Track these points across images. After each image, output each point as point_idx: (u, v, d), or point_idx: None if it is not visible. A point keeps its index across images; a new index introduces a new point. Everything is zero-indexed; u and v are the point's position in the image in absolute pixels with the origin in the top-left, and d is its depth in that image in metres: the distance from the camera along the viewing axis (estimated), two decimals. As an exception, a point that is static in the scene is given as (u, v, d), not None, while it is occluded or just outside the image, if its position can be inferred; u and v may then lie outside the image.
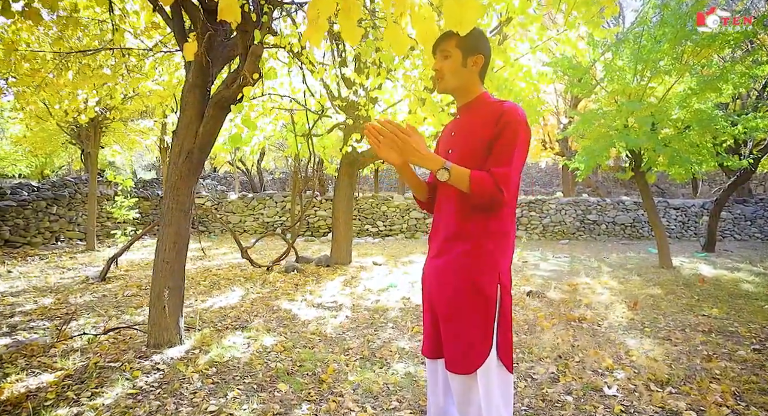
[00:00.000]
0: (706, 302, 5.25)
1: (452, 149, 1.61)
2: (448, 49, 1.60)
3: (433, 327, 1.63)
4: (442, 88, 1.65)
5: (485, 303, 1.49)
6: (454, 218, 1.54)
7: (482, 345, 1.47)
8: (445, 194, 1.62)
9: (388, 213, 13.83)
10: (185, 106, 3.45)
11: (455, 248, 1.53)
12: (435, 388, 1.67)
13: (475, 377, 1.47)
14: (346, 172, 7.99)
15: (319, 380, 2.86)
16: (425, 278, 1.68)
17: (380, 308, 4.83)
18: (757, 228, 13.71)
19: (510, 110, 1.50)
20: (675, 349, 3.55)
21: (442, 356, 1.62)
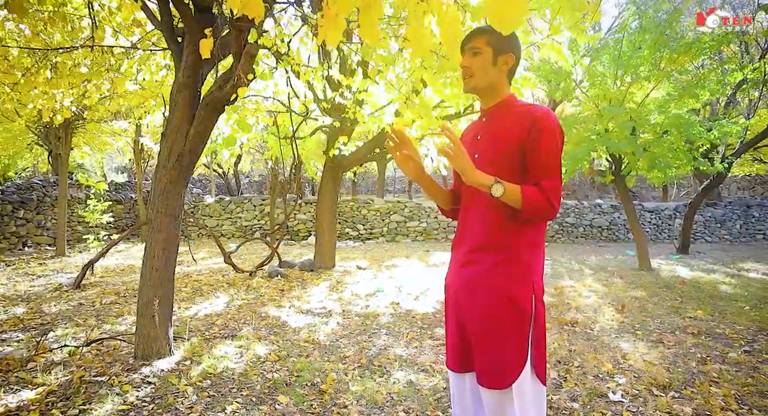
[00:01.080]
0: (689, 304, 5.35)
1: (479, 154, 1.55)
2: (478, 46, 1.53)
3: (459, 339, 1.56)
4: (470, 87, 1.58)
5: (521, 316, 1.44)
6: (485, 227, 1.48)
7: (517, 359, 1.42)
8: (472, 201, 1.56)
9: (369, 216, 13.75)
10: (175, 107, 3.32)
11: (487, 258, 1.47)
12: (462, 400, 1.60)
13: (510, 391, 1.41)
14: (329, 175, 7.89)
15: (320, 391, 2.76)
16: (451, 288, 1.61)
17: (371, 314, 4.75)
18: (726, 230, 14.15)
19: (544, 116, 1.45)
20: (669, 352, 3.58)
21: (469, 369, 1.55)
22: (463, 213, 1.62)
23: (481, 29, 1.55)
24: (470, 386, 1.58)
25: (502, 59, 1.54)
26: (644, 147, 7.77)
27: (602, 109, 7.68)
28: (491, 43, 1.53)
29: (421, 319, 4.58)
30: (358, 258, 9.55)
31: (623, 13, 8.62)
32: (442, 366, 3.23)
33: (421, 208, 13.89)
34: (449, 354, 1.62)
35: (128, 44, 5.20)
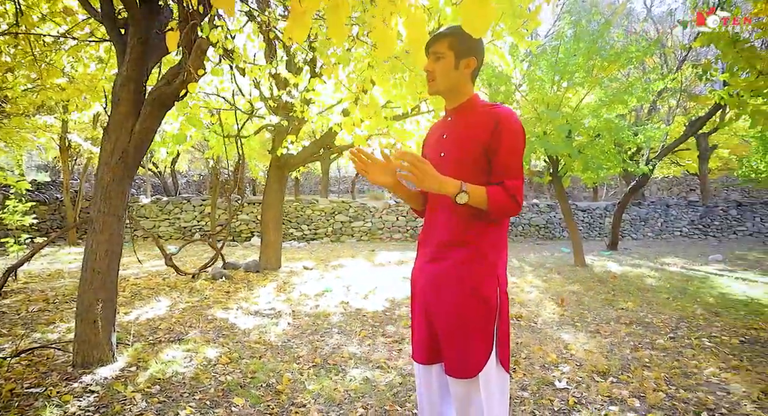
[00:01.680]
0: (620, 296, 5.73)
1: (445, 152, 1.60)
2: (441, 51, 1.58)
3: (427, 332, 1.60)
4: (433, 90, 1.63)
5: (486, 309, 1.50)
6: (451, 225, 1.54)
7: (483, 349, 1.48)
8: (438, 201, 1.61)
9: (313, 216, 13.63)
10: (118, 102, 3.16)
11: (453, 255, 1.52)
12: (429, 393, 1.64)
13: (477, 380, 1.47)
14: (275, 175, 7.76)
15: (276, 391, 2.73)
16: (418, 283, 1.65)
17: (321, 313, 4.73)
18: (649, 228, 15.22)
19: (507, 117, 1.52)
20: (606, 341, 3.83)
21: (437, 361, 1.60)
22: (429, 212, 1.67)
23: (443, 34, 1.59)
24: (437, 377, 1.63)
25: (464, 63, 1.59)
26: (579, 149, 8.23)
27: (540, 112, 8.05)
28: (453, 47, 1.57)
29: (371, 317, 4.61)
30: (303, 258, 9.45)
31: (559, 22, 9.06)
32: (396, 363, 3.28)
33: (366, 208, 13.94)
34: (416, 347, 1.66)
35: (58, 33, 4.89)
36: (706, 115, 10.16)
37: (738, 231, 15.60)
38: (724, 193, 23.25)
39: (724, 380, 3.03)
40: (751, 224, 15.70)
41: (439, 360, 1.60)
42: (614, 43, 8.87)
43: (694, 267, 8.62)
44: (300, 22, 1.59)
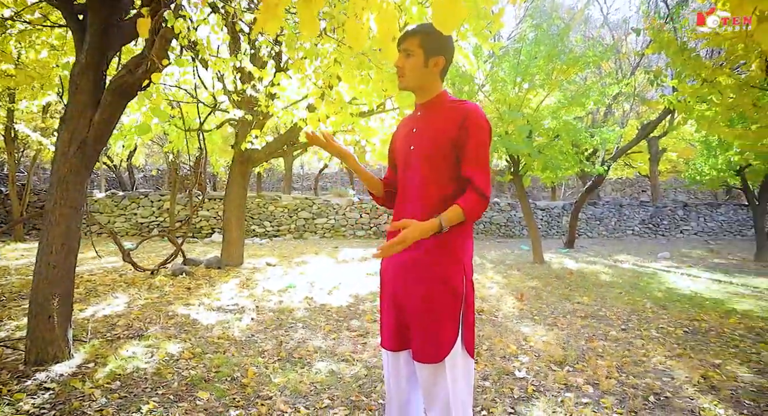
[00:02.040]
0: (576, 291, 5.96)
1: (414, 146, 1.65)
2: (411, 49, 1.63)
3: (396, 320, 1.64)
4: (402, 85, 1.68)
5: (453, 297, 1.55)
6: (420, 215, 1.57)
7: (450, 335, 1.53)
8: (407, 193, 1.66)
9: (276, 213, 13.48)
10: (76, 91, 3.05)
11: (422, 245, 1.56)
12: (398, 379, 1.69)
13: (443, 365, 1.52)
14: (238, 170, 7.65)
15: (241, 385, 2.72)
16: (387, 272, 1.69)
17: (285, 309, 4.72)
18: (603, 226, 15.83)
19: (473, 112, 1.58)
20: (563, 333, 3.99)
21: (405, 347, 1.65)
22: (399, 205, 1.71)
23: (414, 31, 1.64)
24: (405, 364, 1.67)
25: (433, 61, 1.64)
26: (539, 149, 8.48)
27: (502, 112, 8.25)
28: (423, 45, 1.62)
29: (336, 312, 4.63)
30: (266, 255, 9.34)
31: (521, 25, 9.30)
32: (361, 356, 3.32)
33: (330, 205, 13.90)
34: (385, 335, 1.70)
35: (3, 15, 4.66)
36: (656, 119, 10.66)
37: (684, 230, 16.43)
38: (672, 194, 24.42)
39: (669, 367, 3.22)
40: (695, 224, 16.57)
41: (407, 347, 1.64)
42: (573, 48, 9.19)
43: (644, 264, 9.04)
44: (272, 14, 1.60)
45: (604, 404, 2.58)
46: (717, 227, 16.72)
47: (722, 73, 5.22)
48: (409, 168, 1.66)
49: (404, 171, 1.68)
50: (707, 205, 17.08)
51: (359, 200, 14.18)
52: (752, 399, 2.72)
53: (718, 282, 7.02)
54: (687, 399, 2.69)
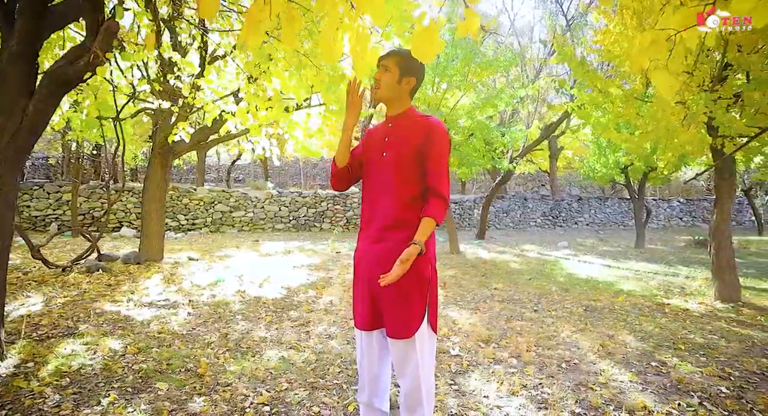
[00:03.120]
0: (492, 279, 6.54)
1: (386, 152, 1.89)
2: (389, 65, 1.88)
3: (370, 303, 1.88)
4: (377, 96, 1.91)
5: (421, 281, 1.82)
6: (392, 211, 1.83)
7: (418, 314, 1.80)
8: (378, 190, 1.89)
9: (191, 206, 13.01)
10: (5, 79, 2.90)
11: (395, 236, 1.81)
12: (370, 355, 1.92)
13: (414, 340, 1.79)
14: (158, 161, 7.37)
15: (197, 374, 2.80)
16: (362, 261, 1.91)
17: (220, 302, 4.75)
18: (510, 219, 17.08)
19: (436, 126, 1.86)
20: (485, 316, 4.45)
21: (377, 327, 1.89)
22: (369, 200, 1.94)
23: (395, 52, 1.90)
24: (377, 342, 1.92)
25: (405, 80, 1.91)
26: (455, 146, 9.05)
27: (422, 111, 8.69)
28: (400, 65, 1.88)
29: (273, 304, 4.74)
30: (185, 249, 9.07)
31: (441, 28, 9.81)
32: (307, 343, 3.51)
33: (248, 197, 13.66)
34: (359, 317, 1.92)
35: None
36: (557, 121, 11.75)
37: (579, 221, 18.19)
38: (567, 188, 26.75)
39: (575, 339, 3.76)
40: (588, 215, 18.41)
41: (379, 326, 1.89)
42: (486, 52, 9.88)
43: (547, 253, 10.01)
44: (254, 30, 1.76)
45: (527, 372, 3.01)
46: (605, 218, 18.70)
47: (613, 84, 6.00)
48: (381, 172, 1.90)
49: (376, 174, 1.92)
50: (597, 198, 19.01)
51: (278, 193, 14.08)
52: (638, 360, 3.30)
53: (608, 267, 8.01)
54: (590, 364, 3.20)
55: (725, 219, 5.31)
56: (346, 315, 4.38)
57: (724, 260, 5.24)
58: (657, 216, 18.83)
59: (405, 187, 1.84)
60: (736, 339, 3.85)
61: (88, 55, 2.90)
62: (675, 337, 3.89)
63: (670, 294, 5.71)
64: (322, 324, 4.04)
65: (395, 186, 1.84)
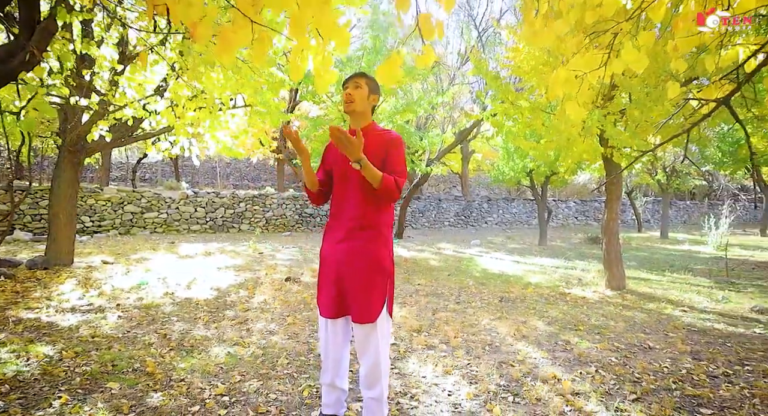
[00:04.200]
0: (414, 275, 6.95)
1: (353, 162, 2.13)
2: (360, 83, 2.15)
3: (337, 293, 2.10)
4: (350, 109, 2.16)
5: (384, 273, 2.09)
6: (360, 212, 2.08)
7: (380, 302, 2.07)
8: (346, 195, 2.13)
9: (97, 207, 12.21)
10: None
11: (362, 235, 2.07)
12: (335, 340, 2.16)
13: (375, 324, 2.05)
14: (68, 160, 6.95)
15: (147, 373, 2.84)
16: (332, 257, 2.14)
17: (151, 305, 4.67)
18: (426, 219, 17.84)
19: (396, 139, 2.16)
20: (414, 309, 4.80)
21: (342, 314, 2.12)
22: (338, 203, 2.17)
23: (362, 73, 2.19)
24: (341, 328, 2.16)
25: (372, 97, 2.20)
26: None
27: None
28: (368, 84, 2.18)
29: (206, 305, 4.75)
30: (95, 253, 8.57)
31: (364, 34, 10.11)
32: (250, 340, 3.62)
33: (161, 198, 13.07)
34: (325, 306, 2.14)
35: None
36: (470, 127, 12.53)
37: (488, 221, 19.42)
38: (476, 189, 28.34)
39: (494, 326, 4.22)
40: (497, 215, 19.71)
41: (343, 314, 2.13)
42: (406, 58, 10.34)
43: (461, 251, 10.69)
44: (227, 49, 1.92)
45: (457, 355, 3.39)
46: (512, 218, 20.13)
47: (522, 97, 6.66)
48: (348, 179, 2.14)
49: (343, 181, 2.16)
50: (504, 199, 20.42)
51: (194, 194, 13.61)
52: (547, 340, 3.81)
53: (517, 262, 8.78)
54: (509, 346, 3.65)
55: (614, 219, 6.13)
56: (282, 312, 4.52)
57: (613, 254, 6.05)
58: (556, 215, 20.62)
59: (370, 193, 2.09)
60: (622, 320, 4.53)
61: (23, 53, 2.82)
62: (575, 321, 4.48)
63: (569, 284, 6.46)
64: (261, 322, 4.16)
65: (361, 192, 2.10)
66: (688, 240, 14.23)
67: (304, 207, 15.10)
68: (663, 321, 4.50)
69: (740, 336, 4.02)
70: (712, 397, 2.70)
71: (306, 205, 15.16)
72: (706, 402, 2.65)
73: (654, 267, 8.28)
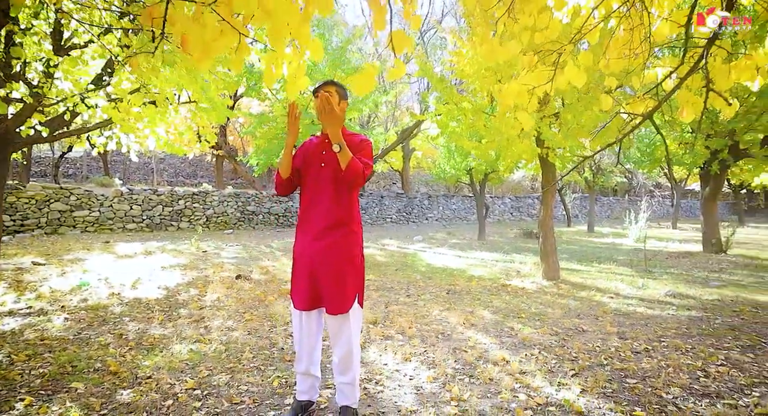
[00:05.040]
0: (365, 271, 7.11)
1: (325, 163, 2.26)
2: (331, 91, 2.28)
3: (311, 287, 2.23)
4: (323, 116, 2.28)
5: (355, 267, 2.26)
6: (332, 211, 2.22)
7: (352, 293, 2.23)
8: (318, 196, 2.26)
9: (19, 205, 11.43)
10: None
11: (335, 233, 2.22)
12: (309, 331, 2.29)
13: (348, 314, 2.20)
14: (-5, 155, 6.51)
15: (111, 372, 2.83)
16: (306, 254, 2.25)
17: (98, 306, 4.55)
18: (368, 216, 18.06)
19: (365, 141, 2.32)
20: (367, 303, 4.98)
21: (316, 307, 2.26)
22: (309, 205, 2.29)
23: (332, 81, 2.31)
24: (314, 319, 2.30)
25: (342, 103, 2.33)
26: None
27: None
28: (338, 91, 2.31)
29: (156, 304, 4.69)
30: (20, 254, 8.06)
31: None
32: (211, 336, 3.66)
33: (92, 195, 12.42)
34: (300, 299, 2.26)
35: None
36: (412, 126, 12.89)
37: (429, 217, 19.96)
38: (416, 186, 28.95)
39: (445, 316, 4.49)
40: (437, 211, 20.30)
41: (317, 306, 2.27)
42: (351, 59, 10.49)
43: (405, 246, 11.00)
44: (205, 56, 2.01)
45: (413, 343, 3.60)
46: (452, 214, 20.81)
47: (465, 99, 7.00)
48: (320, 180, 2.27)
49: (314, 182, 2.29)
50: (444, 196, 21.05)
51: (129, 191, 13.04)
52: (494, 327, 4.12)
53: (459, 257, 9.19)
54: (460, 334, 3.92)
55: (549, 214, 6.62)
56: (238, 309, 4.55)
57: (549, 247, 6.53)
58: (493, 211, 21.52)
59: (341, 193, 2.24)
60: (558, 307, 4.95)
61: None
62: (517, 309, 4.85)
63: (509, 276, 6.89)
64: (218, 319, 4.18)
65: (333, 192, 2.24)
66: (611, 234, 15.40)
67: (246, 204, 14.86)
68: (593, 307, 4.96)
69: (657, 318, 4.53)
70: (636, 369, 3.09)
71: (248, 202, 14.93)
72: (631, 373, 3.02)
73: (583, 259, 8.96)
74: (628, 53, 2.14)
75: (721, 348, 3.58)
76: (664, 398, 2.64)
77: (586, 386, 2.79)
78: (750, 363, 3.24)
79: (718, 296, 5.53)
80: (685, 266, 8.18)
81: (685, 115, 2.14)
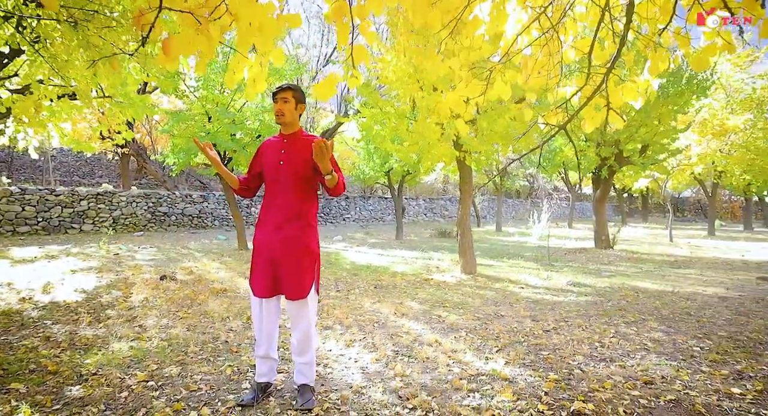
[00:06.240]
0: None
1: (283, 161, 2.44)
2: (287, 97, 2.44)
3: (271, 275, 2.39)
4: (281, 121, 2.46)
5: (313, 256, 2.45)
6: (290, 206, 2.40)
7: (310, 280, 2.41)
8: (276, 191, 2.43)
9: None
10: None
11: (294, 225, 2.40)
12: (269, 318, 2.44)
13: (306, 300, 2.39)
14: None
15: (51, 372, 2.76)
16: (265, 244, 2.41)
17: (9, 311, 4.26)
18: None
19: None
20: (300, 297, 5.12)
21: (276, 294, 2.42)
22: (269, 199, 2.45)
23: (290, 86, 2.47)
24: (274, 305, 2.46)
25: (299, 107, 2.52)
26: (243, 146, 9.41)
27: (209, 110, 8.86)
28: (295, 96, 2.48)
29: (78, 306, 4.50)
30: None
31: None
32: (148, 334, 3.63)
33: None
34: (260, 287, 2.41)
35: None
36: (332, 128, 13.08)
37: (346, 217, 20.22)
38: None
39: (377, 308, 4.77)
40: (354, 212, 20.62)
41: (276, 293, 2.43)
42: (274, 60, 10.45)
43: (326, 246, 11.15)
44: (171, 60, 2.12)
45: (352, 332, 3.84)
46: (369, 215, 21.23)
47: (389, 104, 7.36)
48: (279, 177, 2.45)
49: (274, 178, 2.46)
50: (361, 197, 21.43)
51: (20, 191, 11.92)
52: (423, 316, 4.48)
53: (380, 255, 9.55)
54: (393, 322, 4.22)
55: (467, 214, 7.16)
56: (170, 309, 4.50)
57: (467, 244, 7.07)
58: (408, 212, 22.27)
59: (299, 189, 2.43)
60: (477, 297, 5.43)
61: None
62: (441, 300, 5.26)
63: (430, 271, 7.34)
64: (151, 318, 4.12)
65: (292, 187, 2.43)
66: (517, 233, 16.66)
67: (157, 205, 14.17)
68: (508, 296, 5.51)
69: (561, 303, 5.17)
70: (548, 343, 3.58)
71: (159, 203, 14.24)
72: (544, 347, 3.51)
73: (495, 255, 9.72)
74: (544, 73, 2.55)
75: (612, 324, 4.22)
76: (571, 364, 3.13)
77: (509, 359, 3.21)
78: (633, 334, 3.88)
79: (608, 284, 6.36)
80: (582, 260, 9.20)
81: (587, 126, 2.60)
